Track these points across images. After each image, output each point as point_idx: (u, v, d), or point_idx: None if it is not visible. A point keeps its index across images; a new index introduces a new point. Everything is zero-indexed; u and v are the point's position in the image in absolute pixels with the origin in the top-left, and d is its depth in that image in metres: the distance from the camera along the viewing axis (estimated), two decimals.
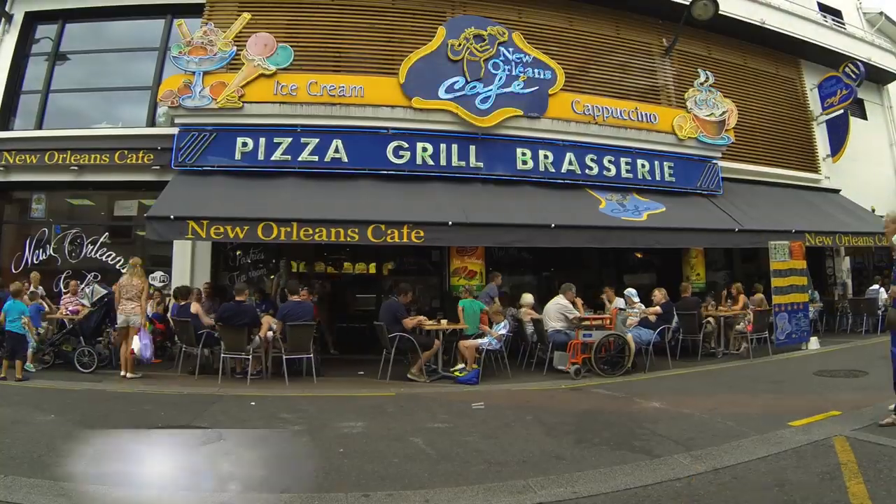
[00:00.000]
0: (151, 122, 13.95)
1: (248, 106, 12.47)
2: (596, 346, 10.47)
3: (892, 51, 21.51)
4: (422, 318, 10.91)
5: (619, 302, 12.38)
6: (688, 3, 15.03)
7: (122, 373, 9.96)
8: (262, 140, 12.34)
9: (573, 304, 11.52)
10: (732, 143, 15.53)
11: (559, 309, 11.21)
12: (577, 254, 15.23)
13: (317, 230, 10.72)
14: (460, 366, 10.50)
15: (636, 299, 12.31)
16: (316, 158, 12.40)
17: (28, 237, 13.76)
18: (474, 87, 13.16)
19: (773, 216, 14.83)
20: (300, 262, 14.57)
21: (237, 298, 10.36)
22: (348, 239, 10.84)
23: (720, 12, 15.26)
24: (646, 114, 14.68)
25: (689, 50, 16.50)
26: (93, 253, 13.53)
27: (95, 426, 6.62)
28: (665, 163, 14.67)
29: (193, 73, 12.43)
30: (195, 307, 10.71)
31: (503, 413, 7.74)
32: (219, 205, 11.10)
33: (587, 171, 13.85)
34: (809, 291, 14.07)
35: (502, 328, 10.91)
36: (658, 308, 11.72)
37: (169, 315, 11.86)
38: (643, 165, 14.36)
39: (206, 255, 13.10)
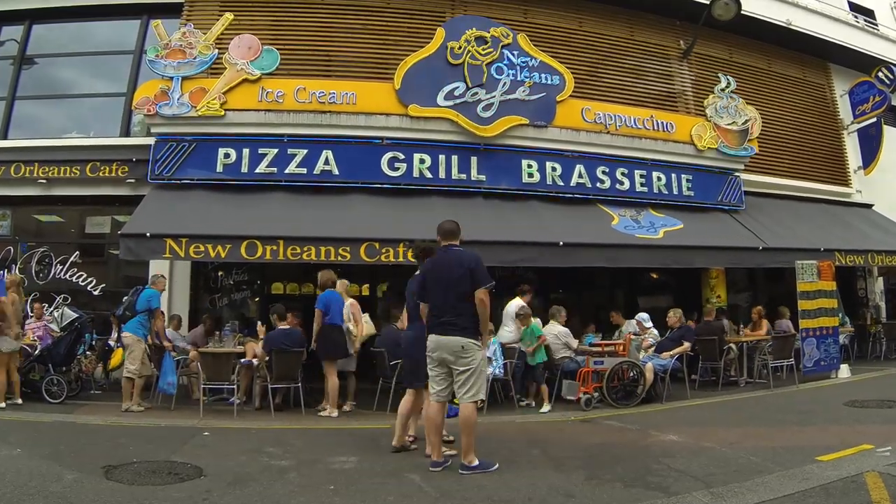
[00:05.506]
0: (126, 131, 14.07)
1: (231, 114, 12.60)
2: (608, 374, 10.55)
3: None
4: None
5: (631, 326, 12.43)
6: (707, 3, 15.16)
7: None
8: (246, 151, 12.45)
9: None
10: (756, 154, 15.65)
11: (557, 338, 11.30)
12: (588, 274, 15.27)
13: (305, 249, 10.84)
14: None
15: (648, 325, 12.33)
16: (304, 171, 12.51)
17: None
18: (476, 93, 13.29)
19: (800, 233, 14.96)
20: (287, 283, 14.63)
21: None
22: (339, 258, 10.95)
23: (742, 12, 15.33)
24: (662, 122, 14.82)
25: (708, 53, 16.70)
26: (62, 273, 13.57)
27: (65, 461, 6.68)
28: (683, 175, 14.79)
29: (171, 78, 12.55)
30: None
31: (507, 446, 7.81)
32: (199, 221, 11.23)
33: (598, 184, 13.96)
34: (840, 315, 14.16)
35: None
36: (687, 346, 11.64)
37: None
38: (659, 178, 14.51)
39: (184, 276, 13.17)
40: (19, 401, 10.01)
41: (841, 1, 20.20)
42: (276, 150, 12.50)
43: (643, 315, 12.52)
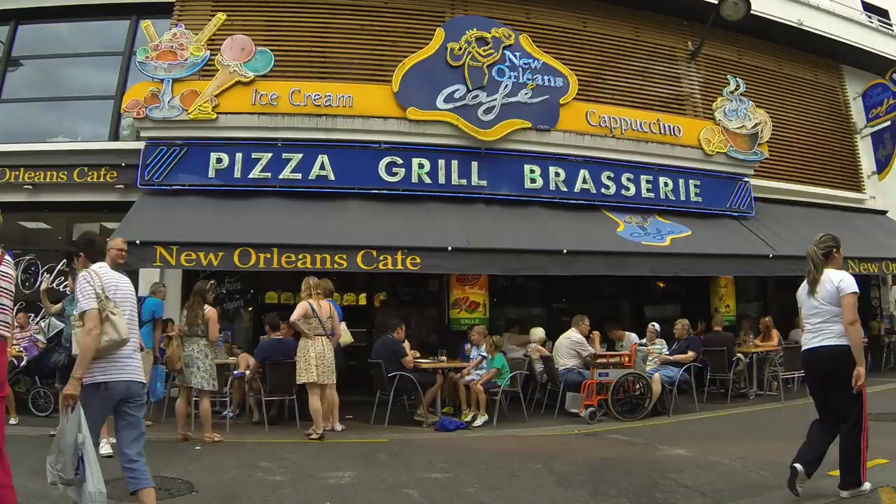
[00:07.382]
0: (114, 135, 14.08)
1: (224, 117, 12.62)
2: (613, 386, 10.56)
3: None
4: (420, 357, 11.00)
5: (633, 337, 12.38)
6: (716, 3, 15.16)
7: None
8: (239, 155, 12.46)
9: (587, 338, 11.61)
10: (766, 158, 15.68)
11: (571, 344, 11.32)
12: (593, 283, 15.29)
13: (300, 257, 10.85)
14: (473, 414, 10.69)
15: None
16: (299, 176, 12.52)
17: None
18: (476, 96, 13.31)
19: (812, 240, 14.90)
20: (282, 292, 14.64)
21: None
22: (335, 266, 10.94)
23: (752, 12, 15.31)
24: (669, 126, 14.84)
25: (717, 54, 16.77)
26: (49, 282, 13.50)
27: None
28: (690, 181, 14.81)
29: (162, 80, 12.54)
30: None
31: (509, 461, 7.83)
32: (190, 228, 11.24)
33: (603, 189, 13.98)
34: None
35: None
36: (691, 354, 11.61)
37: None
38: (666, 184, 14.53)
39: (175, 285, 13.10)
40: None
41: (854, 1, 20.26)
42: (270, 155, 12.51)
43: (656, 325, 12.48)
